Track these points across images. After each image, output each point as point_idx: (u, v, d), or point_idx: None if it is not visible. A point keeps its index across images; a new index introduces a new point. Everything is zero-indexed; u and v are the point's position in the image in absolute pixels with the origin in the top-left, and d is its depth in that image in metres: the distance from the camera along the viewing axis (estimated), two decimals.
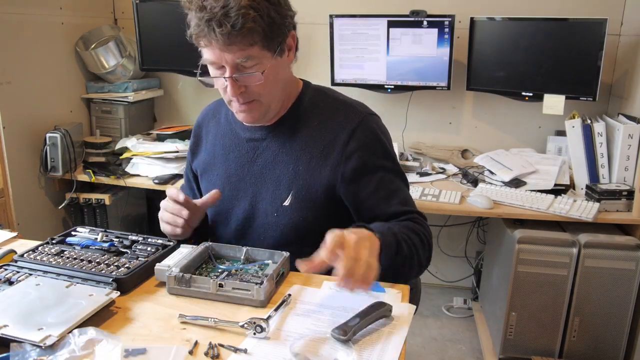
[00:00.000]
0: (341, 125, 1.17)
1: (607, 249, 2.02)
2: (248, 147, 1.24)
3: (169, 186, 2.38)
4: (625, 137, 2.12)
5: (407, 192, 1.21)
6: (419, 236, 1.11)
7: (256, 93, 1.10)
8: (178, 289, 0.98)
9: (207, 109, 1.38)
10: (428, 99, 2.69)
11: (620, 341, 2.09)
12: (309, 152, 1.17)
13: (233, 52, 1.03)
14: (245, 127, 1.24)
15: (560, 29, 2.30)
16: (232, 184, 1.24)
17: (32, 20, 2.39)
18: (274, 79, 1.11)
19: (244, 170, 1.23)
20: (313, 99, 1.23)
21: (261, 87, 1.09)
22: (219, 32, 0.99)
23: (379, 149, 1.18)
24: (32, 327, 0.82)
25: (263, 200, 1.21)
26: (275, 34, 1.06)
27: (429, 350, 2.44)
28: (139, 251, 1.11)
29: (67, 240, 1.16)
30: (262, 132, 1.22)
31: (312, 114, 1.20)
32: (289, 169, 1.18)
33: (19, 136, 2.35)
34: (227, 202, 1.25)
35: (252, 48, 1.04)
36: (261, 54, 1.06)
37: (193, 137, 1.37)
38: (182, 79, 2.91)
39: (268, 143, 1.21)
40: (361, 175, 1.15)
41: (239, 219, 1.24)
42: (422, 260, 1.12)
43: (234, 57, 1.04)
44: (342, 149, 1.15)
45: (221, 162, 1.27)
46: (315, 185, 1.16)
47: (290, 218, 1.18)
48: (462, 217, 2.68)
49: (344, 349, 0.83)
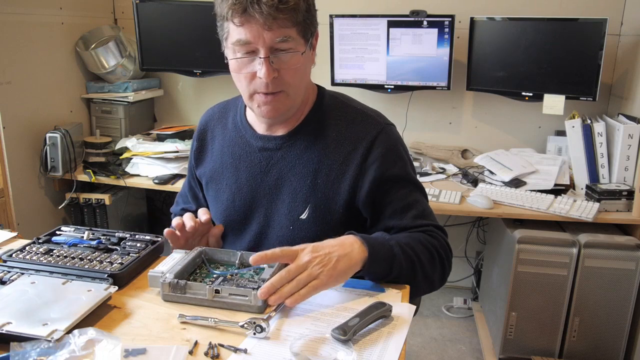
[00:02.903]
0: (360, 137, 1.14)
1: (607, 249, 2.02)
2: (261, 156, 1.18)
3: (169, 186, 2.39)
4: (625, 137, 2.12)
5: (425, 205, 1.18)
6: (429, 250, 1.07)
7: (286, 82, 1.06)
8: (173, 295, 0.95)
9: (212, 112, 1.32)
10: (428, 99, 2.69)
11: (620, 341, 2.09)
12: (328, 165, 1.14)
13: (274, 29, 0.99)
14: (257, 136, 1.20)
15: (560, 29, 2.30)
16: (244, 195, 1.20)
17: (32, 20, 2.38)
18: (304, 71, 1.09)
19: (257, 181, 1.19)
20: (329, 107, 1.19)
21: (293, 74, 1.05)
22: (265, 3, 0.96)
23: (398, 161, 1.15)
24: (36, 323, 0.82)
25: (278, 213, 1.17)
26: (309, 22, 1.06)
27: (429, 350, 2.44)
28: (129, 247, 1.11)
29: (53, 240, 1.15)
30: (277, 142, 1.17)
31: (329, 124, 1.16)
32: (307, 181, 1.14)
33: (19, 136, 2.35)
34: (239, 214, 1.21)
35: (292, 29, 1.01)
36: (297, 40, 1.03)
37: (197, 140, 1.30)
38: (182, 79, 2.92)
39: (283, 153, 1.17)
40: (379, 187, 1.12)
41: (253, 232, 1.21)
42: (430, 274, 1.07)
43: (273, 36, 1.00)
44: (362, 161, 1.12)
45: (230, 172, 1.22)
46: (334, 199, 1.13)
47: (307, 232, 1.14)
48: (462, 217, 2.68)
49: (344, 349, 0.82)
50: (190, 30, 2.60)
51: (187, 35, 2.61)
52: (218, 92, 2.82)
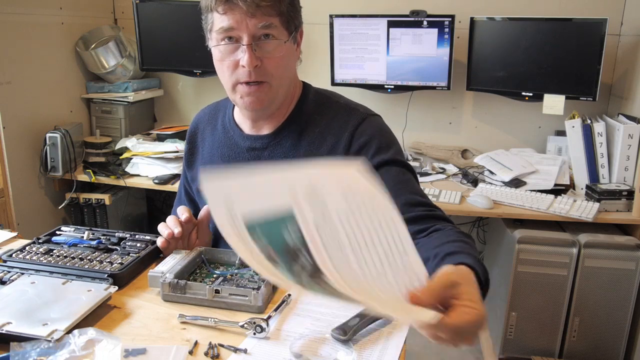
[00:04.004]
0: (342, 128, 1.14)
1: (607, 249, 2.02)
2: (249, 156, 1.19)
3: (169, 186, 2.39)
4: (625, 137, 2.12)
5: (417, 185, 1.14)
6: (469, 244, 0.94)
7: (269, 73, 1.06)
8: (173, 295, 0.96)
9: (202, 113, 1.33)
10: (428, 99, 2.69)
11: (620, 341, 2.09)
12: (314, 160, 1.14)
13: (257, 16, 1.01)
14: (244, 136, 1.20)
15: (560, 29, 2.30)
16: None
17: (32, 20, 2.38)
18: (287, 62, 1.09)
19: None
20: (314, 103, 1.19)
21: (276, 64, 1.06)
22: None
23: (383, 146, 1.14)
24: (36, 323, 0.82)
25: None
26: (293, 15, 1.07)
27: (429, 350, 2.44)
28: (129, 247, 1.11)
29: (53, 240, 1.15)
30: (263, 141, 1.18)
31: (314, 120, 1.16)
32: None
33: (19, 136, 2.35)
34: None
35: (276, 18, 1.03)
36: (280, 30, 1.05)
37: (187, 143, 1.31)
38: (182, 79, 2.91)
39: (270, 152, 1.17)
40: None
41: None
42: None
43: (256, 23, 1.02)
44: (345, 152, 1.12)
45: None
46: None
47: None
48: (462, 217, 2.68)
49: (344, 349, 0.82)
50: (190, 30, 2.60)
51: (187, 35, 2.61)
52: (218, 92, 2.80)
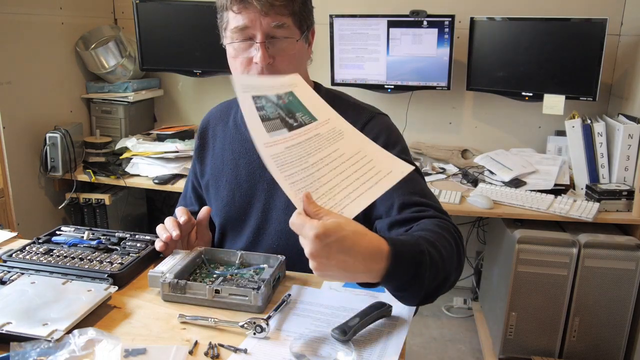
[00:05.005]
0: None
1: (607, 249, 2.02)
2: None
3: (169, 186, 2.39)
4: (625, 137, 2.12)
5: (424, 184, 1.11)
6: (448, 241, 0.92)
7: (281, 70, 1.08)
8: (173, 295, 0.96)
9: (214, 111, 1.35)
10: (428, 99, 2.69)
11: (620, 341, 2.09)
12: None
13: (270, 15, 1.04)
14: None
15: (560, 29, 2.30)
16: (243, 192, 1.22)
17: (32, 20, 2.39)
18: (299, 61, 1.11)
19: (255, 177, 1.20)
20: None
21: (288, 62, 1.08)
22: None
23: (390, 143, 1.13)
24: (36, 323, 0.82)
25: (275, 208, 1.18)
26: (306, 15, 1.09)
27: (429, 350, 2.44)
28: (129, 247, 1.11)
29: (53, 240, 1.15)
30: None
31: None
32: None
33: (19, 136, 2.35)
34: (238, 210, 1.22)
35: (289, 18, 1.06)
36: (293, 29, 1.07)
37: (198, 139, 1.33)
38: (182, 79, 2.92)
39: None
40: None
41: (252, 227, 1.21)
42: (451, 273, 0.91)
43: (270, 21, 1.04)
44: None
45: (230, 169, 1.24)
46: None
47: None
48: (462, 217, 2.68)
49: (344, 348, 0.82)
50: (190, 30, 2.60)
51: (187, 35, 2.61)
52: (218, 92, 2.82)
